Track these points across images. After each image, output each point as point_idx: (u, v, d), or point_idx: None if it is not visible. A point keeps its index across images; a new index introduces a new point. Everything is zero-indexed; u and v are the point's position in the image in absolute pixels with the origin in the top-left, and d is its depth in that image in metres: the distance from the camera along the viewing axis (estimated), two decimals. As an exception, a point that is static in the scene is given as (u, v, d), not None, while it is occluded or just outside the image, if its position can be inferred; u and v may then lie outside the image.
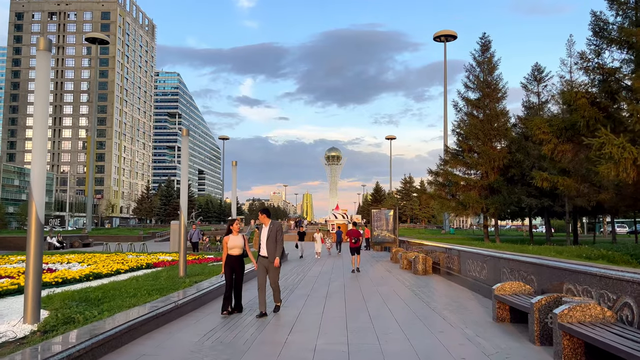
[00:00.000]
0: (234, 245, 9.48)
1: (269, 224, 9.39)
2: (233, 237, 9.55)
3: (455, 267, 15.47)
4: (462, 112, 34.05)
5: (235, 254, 9.49)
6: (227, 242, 9.50)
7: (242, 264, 9.64)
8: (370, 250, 36.86)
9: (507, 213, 33.16)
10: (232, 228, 9.62)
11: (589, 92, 18.29)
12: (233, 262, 9.49)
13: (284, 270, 18.72)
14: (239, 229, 9.72)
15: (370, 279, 16.24)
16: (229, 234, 9.62)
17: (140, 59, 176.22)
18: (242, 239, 9.60)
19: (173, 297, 9.40)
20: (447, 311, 9.91)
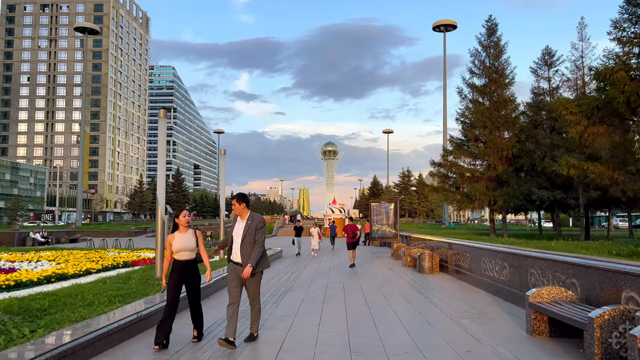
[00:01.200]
0: (181, 247, 6.58)
1: (247, 216, 6.54)
2: (180, 235, 6.64)
3: (467, 266, 13.87)
4: (467, 99, 32.34)
5: (185, 259, 6.62)
6: (172, 242, 6.63)
7: (195, 273, 6.77)
8: (370, 245, 35.32)
9: (514, 206, 31.45)
10: (177, 222, 6.71)
11: (628, 64, 16.45)
12: (181, 271, 6.61)
13: (276, 269, 17.10)
14: (188, 223, 6.80)
15: (372, 279, 14.63)
16: (175, 230, 6.75)
17: (134, 52, 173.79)
18: (194, 237, 6.73)
19: (138, 306, 7.76)
20: (468, 320, 8.30)
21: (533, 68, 31.37)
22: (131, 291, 9.11)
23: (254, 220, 6.54)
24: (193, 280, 6.72)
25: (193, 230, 6.78)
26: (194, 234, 6.74)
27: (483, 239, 21.95)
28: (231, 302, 6.48)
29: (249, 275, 6.38)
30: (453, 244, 15.75)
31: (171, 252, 6.65)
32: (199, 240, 6.77)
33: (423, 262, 16.61)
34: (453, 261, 15.62)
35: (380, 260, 22.13)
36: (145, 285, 9.97)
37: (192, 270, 6.70)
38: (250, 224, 6.50)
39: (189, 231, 6.73)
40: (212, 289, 11.17)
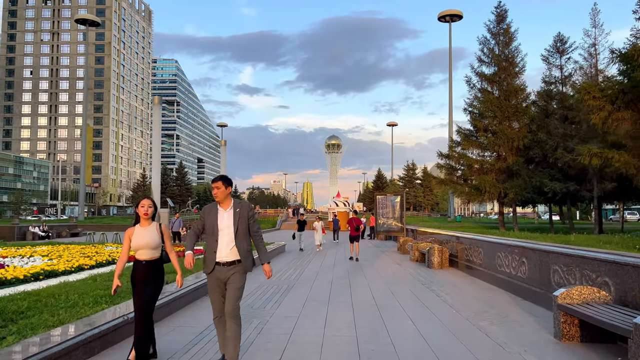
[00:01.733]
0: (141, 244, 5.34)
1: (232, 204, 5.25)
2: (141, 229, 5.42)
3: (479, 261, 13.16)
4: (475, 88, 31.32)
5: (145, 259, 5.38)
6: (131, 237, 5.43)
7: (157, 278, 5.48)
8: (375, 239, 34.66)
9: (523, 199, 30.27)
10: (138, 212, 5.49)
11: (657, 44, 15.60)
12: (141, 274, 5.38)
13: (279, 264, 16.44)
14: (150, 214, 5.51)
15: (379, 275, 13.93)
16: (137, 223, 5.53)
17: (137, 45, 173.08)
18: (158, 232, 5.48)
19: (126, 308, 7.08)
20: (487, 322, 7.59)
21: (544, 56, 30.39)
22: (121, 290, 8.42)
23: (243, 207, 5.27)
24: (153, 286, 5.39)
25: (157, 224, 5.57)
26: (158, 228, 5.51)
27: (493, 232, 21.16)
28: (217, 314, 5.29)
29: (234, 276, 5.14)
30: (463, 238, 15.03)
31: (128, 249, 5.46)
32: (164, 236, 5.53)
33: (432, 257, 15.90)
34: (464, 256, 14.91)
35: (387, 254, 21.45)
36: (137, 283, 9.28)
37: (154, 273, 5.42)
38: (240, 211, 5.21)
39: (152, 225, 5.48)
40: (181, 302, 8.75)
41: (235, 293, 5.15)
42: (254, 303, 9.24)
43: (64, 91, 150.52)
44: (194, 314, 8.27)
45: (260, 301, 9.45)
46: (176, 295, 8.43)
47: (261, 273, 13.63)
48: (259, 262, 14.31)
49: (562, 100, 29.08)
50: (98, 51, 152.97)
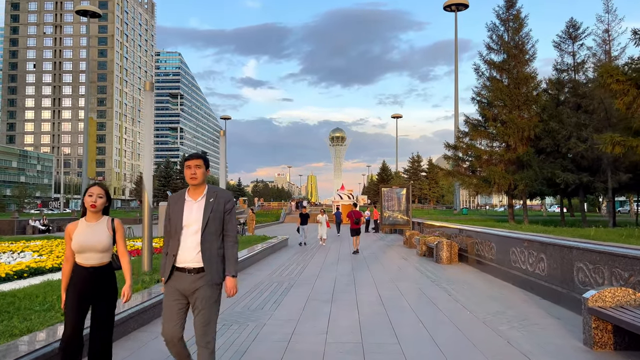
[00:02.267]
0: (84, 245, 4.09)
1: (205, 192, 3.98)
2: (87, 225, 4.19)
3: (491, 256, 12.45)
4: (484, 76, 30.31)
5: (90, 265, 4.09)
6: (72, 235, 4.16)
7: (109, 289, 4.21)
8: (379, 232, 33.97)
9: (534, 191, 29.26)
10: (84, 202, 4.19)
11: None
12: (86, 284, 4.08)
13: (280, 260, 15.76)
14: (100, 206, 4.21)
15: (386, 270, 13.24)
16: (83, 216, 4.25)
17: (140, 37, 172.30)
18: (109, 229, 4.20)
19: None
20: (506, 326, 6.88)
21: (556, 42, 29.35)
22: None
23: (219, 197, 3.95)
24: (104, 300, 4.14)
25: (109, 220, 4.24)
26: (109, 224, 4.20)
27: (503, 225, 20.43)
28: (170, 338, 3.86)
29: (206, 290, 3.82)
30: (474, 232, 14.30)
31: (70, 253, 4.15)
32: (117, 235, 4.23)
33: (441, 251, 15.20)
34: (474, 251, 14.21)
35: (392, 248, 20.75)
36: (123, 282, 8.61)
37: (102, 283, 4.12)
38: (215, 202, 3.91)
39: (102, 220, 4.20)
40: (148, 315, 7.02)
41: (205, 315, 3.81)
42: (251, 303, 8.56)
43: (67, 84, 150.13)
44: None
45: (258, 301, 8.77)
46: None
47: (259, 270, 12.98)
48: (256, 261, 13.53)
49: (574, 87, 28.08)
50: (101, 44, 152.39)
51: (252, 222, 29.53)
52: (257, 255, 15.38)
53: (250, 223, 29.48)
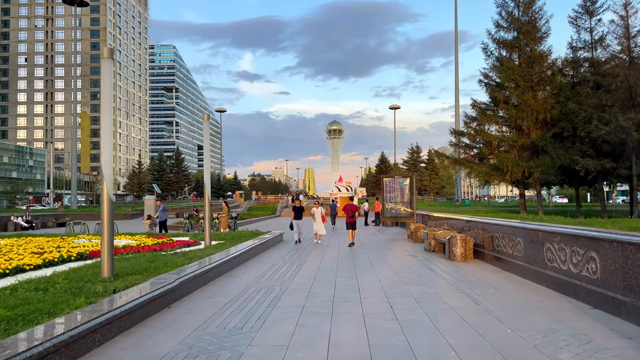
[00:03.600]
0: None
1: None
2: None
3: (517, 253, 10.67)
4: (493, 56, 28.29)
5: None
6: None
7: None
8: (380, 225, 32.23)
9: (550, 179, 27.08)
10: None
11: None
12: None
13: (271, 260, 13.96)
14: None
15: (394, 271, 11.45)
16: None
17: (133, 30, 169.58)
18: None
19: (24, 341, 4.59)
20: (568, 354, 5.10)
21: (572, 17, 27.18)
22: (39, 307, 5.96)
23: None
24: None
25: None
26: None
27: (518, 217, 18.72)
28: None
29: None
30: (493, 225, 12.51)
31: None
32: None
33: (454, 247, 13.41)
34: (492, 246, 12.44)
35: (396, 243, 18.96)
36: (71, 295, 6.82)
37: None
38: None
39: None
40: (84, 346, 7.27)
41: None
42: (228, 320, 6.74)
43: (59, 78, 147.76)
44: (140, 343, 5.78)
45: (239, 317, 6.96)
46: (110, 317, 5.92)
47: (246, 272, 11.19)
48: (245, 261, 11.71)
49: (593, 65, 26.06)
50: (93, 37, 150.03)
51: (224, 217, 26.03)
52: (246, 253, 13.57)
53: (222, 218, 25.94)
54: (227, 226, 25.18)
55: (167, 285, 7.78)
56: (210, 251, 13.17)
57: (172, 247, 14.39)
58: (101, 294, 6.97)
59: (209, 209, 15.12)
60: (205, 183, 15.21)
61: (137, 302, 6.60)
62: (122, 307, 6.12)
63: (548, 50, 27.38)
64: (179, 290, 8.20)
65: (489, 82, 28.29)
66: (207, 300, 8.13)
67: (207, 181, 15.25)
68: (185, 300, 8.14)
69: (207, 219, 15.11)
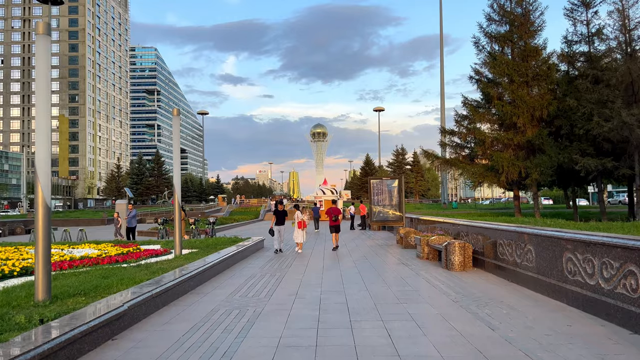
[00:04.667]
0: None
1: None
2: None
3: (527, 263, 9.37)
4: (484, 51, 26.99)
5: None
6: None
7: None
8: (368, 229, 30.87)
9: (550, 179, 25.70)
10: None
11: None
12: None
13: (246, 273, 12.48)
14: None
15: (386, 283, 10.06)
16: None
17: (113, 31, 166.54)
18: None
19: None
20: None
21: (567, 9, 26.07)
22: None
23: None
24: None
25: None
26: None
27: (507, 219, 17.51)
28: None
29: None
30: (498, 231, 11.19)
31: None
32: None
33: (452, 255, 12.07)
34: (494, 254, 11.14)
35: (386, 250, 17.59)
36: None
37: None
38: None
39: None
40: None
41: None
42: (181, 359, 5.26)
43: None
44: None
45: (197, 354, 5.48)
46: None
47: (217, 288, 9.69)
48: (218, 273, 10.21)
49: (591, 60, 24.95)
50: (72, 38, 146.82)
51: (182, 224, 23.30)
52: (220, 264, 12.08)
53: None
54: (184, 234, 22.43)
55: (112, 311, 6.29)
56: (179, 262, 11.66)
57: (138, 258, 12.85)
58: (21, 326, 5.45)
59: (179, 215, 13.59)
60: (175, 185, 13.68)
61: (66, 338, 5.09)
62: (38, 349, 4.61)
63: (543, 43, 26.19)
64: (130, 316, 6.70)
65: (481, 78, 27.00)
66: (164, 328, 6.64)
67: (177, 183, 13.72)
68: (136, 328, 6.63)
69: (177, 226, 13.59)
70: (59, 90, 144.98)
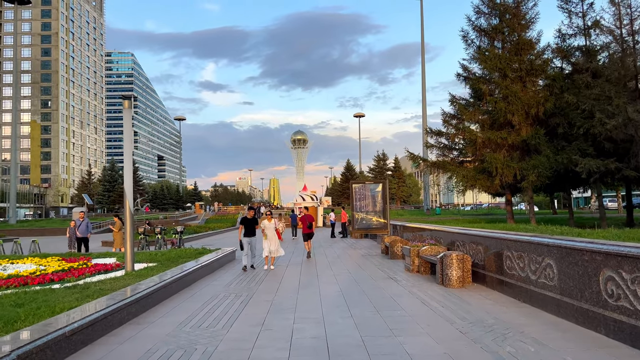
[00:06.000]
0: None
1: None
2: None
3: (543, 280, 7.71)
4: (474, 45, 25.48)
5: None
6: None
7: None
8: (348, 237, 29.12)
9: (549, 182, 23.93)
10: None
11: None
12: None
13: (202, 297, 10.56)
14: None
15: (375, 308, 8.28)
16: None
17: (87, 36, 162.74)
18: None
19: None
20: None
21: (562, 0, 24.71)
22: None
23: None
24: None
25: None
26: None
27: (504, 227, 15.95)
28: None
29: None
30: (501, 240, 9.51)
31: None
32: None
33: (449, 268, 10.35)
34: (499, 268, 9.49)
35: (371, 261, 15.82)
36: None
37: None
38: None
39: None
40: None
41: None
42: None
43: (7, 85, 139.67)
44: None
45: None
46: None
47: (165, 316, 7.65)
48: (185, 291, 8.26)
49: (589, 53, 23.50)
50: (44, 42, 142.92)
51: (117, 234, 19.18)
52: (176, 283, 10.17)
53: (116, 235, 19.34)
54: (121, 245, 18.82)
55: None
56: (126, 281, 9.73)
57: (80, 275, 10.86)
58: None
59: (130, 223, 11.62)
60: (126, 190, 11.68)
61: None
62: None
63: (537, 36, 24.72)
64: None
65: (467, 76, 25.38)
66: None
67: (127, 187, 11.72)
68: None
69: (128, 237, 11.61)
70: (31, 96, 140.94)
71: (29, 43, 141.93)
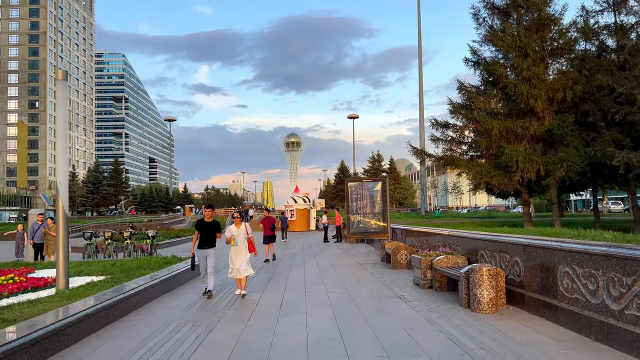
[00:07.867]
0: None
1: None
2: None
3: (631, 311, 5.20)
4: (485, 24, 22.77)
5: None
6: None
7: None
8: (343, 242, 26.64)
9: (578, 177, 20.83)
10: None
11: None
12: None
13: (153, 323, 7.89)
14: None
15: (384, 349, 5.74)
16: None
17: (77, 36, 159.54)
18: None
19: None
20: None
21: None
22: None
23: None
24: None
25: None
26: None
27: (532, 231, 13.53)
28: None
29: None
30: (555, 250, 7.01)
31: None
32: None
33: (478, 287, 7.81)
34: (545, 288, 7.12)
35: (371, 273, 13.26)
36: None
37: None
38: None
39: None
40: None
41: None
42: None
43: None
44: None
45: None
46: None
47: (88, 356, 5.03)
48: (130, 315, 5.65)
49: (623, 30, 20.84)
50: (32, 42, 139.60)
51: (51, 240, 16.36)
52: (120, 305, 7.59)
53: (49, 240, 16.55)
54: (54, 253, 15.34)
55: None
56: (50, 305, 7.18)
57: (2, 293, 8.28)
58: None
59: (64, 228, 9.02)
60: (59, 186, 9.07)
61: None
62: None
63: (562, 10, 21.84)
64: None
65: (478, 60, 22.71)
66: None
67: (61, 182, 9.12)
68: None
69: (61, 246, 9.02)
70: (18, 96, 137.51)
71: (16, 42, 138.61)
